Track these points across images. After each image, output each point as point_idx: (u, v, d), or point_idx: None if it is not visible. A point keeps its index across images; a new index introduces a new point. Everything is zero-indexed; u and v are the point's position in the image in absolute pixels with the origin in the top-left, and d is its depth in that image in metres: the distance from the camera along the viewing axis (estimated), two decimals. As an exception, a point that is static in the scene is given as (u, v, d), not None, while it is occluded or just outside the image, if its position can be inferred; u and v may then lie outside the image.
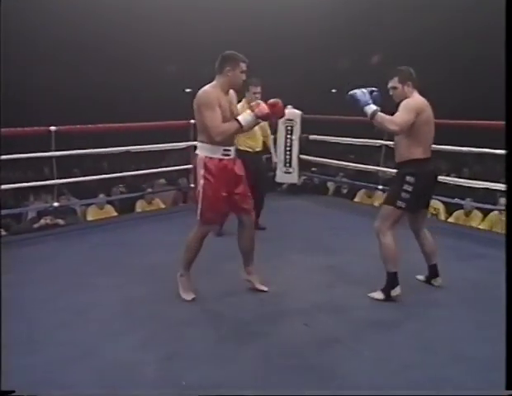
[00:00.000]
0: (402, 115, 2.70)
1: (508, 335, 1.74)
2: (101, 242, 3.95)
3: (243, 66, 2.67)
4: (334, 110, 6.10)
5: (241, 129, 2.68)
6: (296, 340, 2.43)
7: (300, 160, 5.64)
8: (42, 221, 4.61)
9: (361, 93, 2.70)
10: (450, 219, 5.50)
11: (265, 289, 2.94)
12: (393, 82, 2.78)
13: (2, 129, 3.91)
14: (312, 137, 5.60)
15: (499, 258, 3.57)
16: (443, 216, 5.59)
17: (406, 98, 2.74)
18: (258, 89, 3.87)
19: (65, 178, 4.75)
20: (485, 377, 2.12)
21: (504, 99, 2.00)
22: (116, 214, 5.48)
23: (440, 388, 2.04)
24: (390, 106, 2.79)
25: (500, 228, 5.07)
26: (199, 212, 2.73)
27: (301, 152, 5.62)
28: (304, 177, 6.05)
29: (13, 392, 1.87)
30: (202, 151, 2.72)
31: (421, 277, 3.08)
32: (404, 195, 2.77)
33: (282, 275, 3.24)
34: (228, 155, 2.72)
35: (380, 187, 5.42)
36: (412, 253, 3.09)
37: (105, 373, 2.16)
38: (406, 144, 2.78)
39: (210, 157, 2.69)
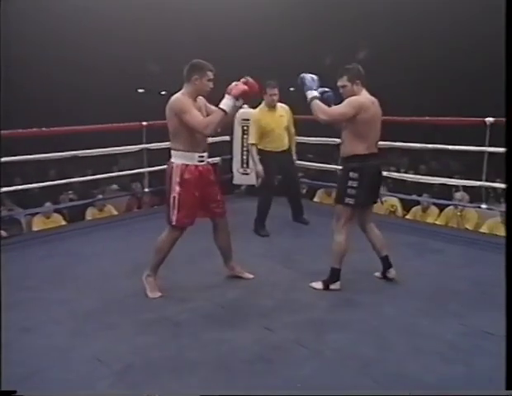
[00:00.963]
0: (338, 108, 2.86)
1: (508, 335, 1.80)
2: (49, 254, 3.82)
3: (210, 74, 2.80)
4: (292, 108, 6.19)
5: (226, 115, 2.76)
6: (258, 344, 2.45)
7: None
8: (-19, 234, 4.42)
9: (310, 79, 2.90)
10: (408, 216, 5.69)
11: (251, 276, 3.22)
12: (342, 81, 2.90)
13: None
14: (269, 137, 5.64)
15: (456, 253, 3.78)
16: (400, 213, 5.78)
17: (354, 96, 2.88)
18: (275, 91, 4.12)
19: (7, 186, 4.55)
20: (444, 371, 2.21)
21: (505, 99, 2.09)
22: (64, 223, 5.32)
23: (401, 383, 2.11)
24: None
25: (456, 223, 5.31)
26: (174, 218, 2.85)
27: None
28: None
29: (15, 392, 1.88)
30: (177, 158, 2.85)
31: (378, 274, 3.18)
32: (350, 191, 2.90)
33: (242, 278, 3.25)
34: (202, 161, 2.89)
35: (338, 186, 5.53)
36: (370, 252, 3.18)
37: (55, 392, 2.09)
38: (350, 140, 2.91)
39: (186, 165, 2.83)
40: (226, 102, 2.75)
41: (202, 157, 2.90)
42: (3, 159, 4.16)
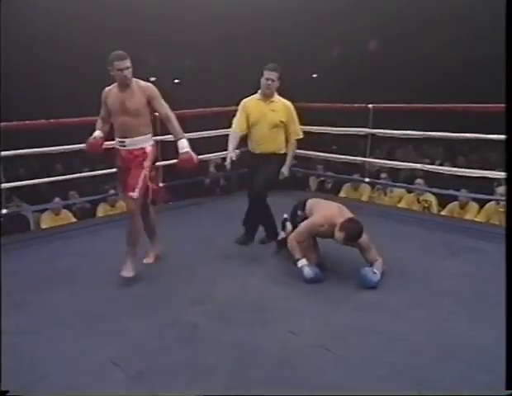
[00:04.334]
0: None
1: (508, 335, 1.81)
2: (58, 253, 3.91)
3: (117, 65, 3.13)
4: (314, 96, 6.20)
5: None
6: (281, 348, 2.48)
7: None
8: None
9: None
10: (444, 212, 5.63)
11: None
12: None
13: None
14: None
15: (496, 252, 3.72)
16: (435, 209, 5.72)
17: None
18: (272, 75, 3.67)
19: (12, 181, 4.59)
20: (475, 378, 2.21)
21: (505, 96, 2.09)
22: (74, 220, 5.42)
23: (431, 390, 2.12)
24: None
25: (498, 220, 5.23)
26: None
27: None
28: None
29: (7, 392, 1.93)
30: (149, 141, 3.38)
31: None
32: None
33: (259, 280, 3.31)
34: (122, 146, 3.30)
35: (367, 180, 5.52)
36: (401, 251, 3.17)
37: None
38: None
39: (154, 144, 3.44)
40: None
41: (122, 142, 3.28)
42: (4, 153, 4.22)
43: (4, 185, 4.40)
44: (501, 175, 4.98)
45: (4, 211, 4.45)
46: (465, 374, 2.24)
